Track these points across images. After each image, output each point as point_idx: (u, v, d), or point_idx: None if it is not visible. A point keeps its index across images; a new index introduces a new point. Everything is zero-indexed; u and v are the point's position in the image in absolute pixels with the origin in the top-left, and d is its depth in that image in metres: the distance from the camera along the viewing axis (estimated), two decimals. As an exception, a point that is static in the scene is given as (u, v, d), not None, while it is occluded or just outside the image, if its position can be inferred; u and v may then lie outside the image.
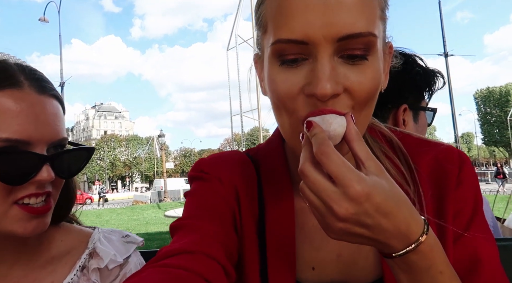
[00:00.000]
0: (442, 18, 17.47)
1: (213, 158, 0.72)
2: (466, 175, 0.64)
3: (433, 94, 1.25)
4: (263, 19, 0.56)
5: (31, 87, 0.66)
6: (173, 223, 0.62)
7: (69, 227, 0.83)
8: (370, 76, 0.51)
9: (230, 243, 0.60)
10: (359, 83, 0.51)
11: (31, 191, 0.65)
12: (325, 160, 0.44)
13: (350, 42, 0.49)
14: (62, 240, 0.79)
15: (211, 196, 0.65)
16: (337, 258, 0.64)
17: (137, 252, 0.83)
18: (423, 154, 0.66)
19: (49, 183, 0.68)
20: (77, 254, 0.77)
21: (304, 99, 0.52)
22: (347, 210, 0.43)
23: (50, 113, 0.68)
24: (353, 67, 0.51)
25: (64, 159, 0.70)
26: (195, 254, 0.54)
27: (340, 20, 0.48)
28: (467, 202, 0.63)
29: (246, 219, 0.65)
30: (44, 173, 0.65)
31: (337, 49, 0.50)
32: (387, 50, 0.60)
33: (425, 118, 1.23)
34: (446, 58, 17.40)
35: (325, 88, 0.48)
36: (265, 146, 0.74)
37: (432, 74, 1.19)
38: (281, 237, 0.63)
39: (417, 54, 1.19)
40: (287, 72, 0.52)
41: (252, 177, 0.69)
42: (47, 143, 0.67)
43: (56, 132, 0.68)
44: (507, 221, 1.39)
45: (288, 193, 0.66)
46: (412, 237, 0.46)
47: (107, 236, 0.81)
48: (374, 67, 0.52)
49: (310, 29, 0.48)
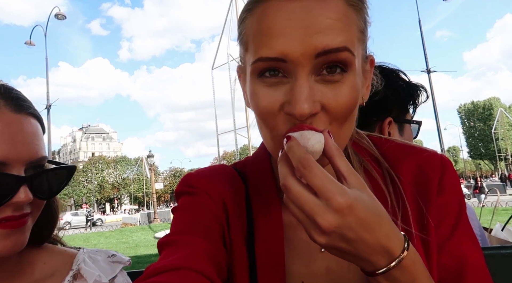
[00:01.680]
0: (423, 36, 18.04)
1: (200, 172, 0.71)
2: (448, 181, 0.64)
3: (417, 108, 1.27)
4: (244, 37, 0.58)
5: (6, 106, 0.65)
6: (161, 239, 0.61)
7: (52, 248, 0.80)
8: (346, 93, 0.52)
9: (219, 258, 0.59)
10: (336, 100, 0.52)
11: (8, 214, 0.63)
12: (308, 173, 0.45)
13: (328, 58, 0.51)
14: (45, 262, 0.76)
15: (200, 211, 0.64)
16: (326, 271, 0.63)
17: (123, 272, 0.81)
18: (406, 162, 0.67)
19: (27, 204, 0.66)
20: (61, 276, 0.74)
21: (284, 116, 0.53)
22: (330, 223, 0.43)
23: (28, 132, 0.66)
24: (330, 85, 0.52)
25: (43, 179, 0.68)
26: (184, 270, 0.53)
27: (318, 38, 0.50)
28: (450, 208, 0.63)
29: (235, 233, 0.65)
30: (22, 194, 0.63)
31: (315, 67, 0.51)
32: (368, 65, 0.62)
33: (410, 131, 1.25)
34: (429, 74, 17.86)
35: (303, 108, 0.49)
36: (252, 159, 0.74)
37: (415, 88, 1.22)
38: (270, 251, 0.62)
39: (399, 69, 1.23)
40: (268, 89, 0.54)
41: (240, 191, 0.68)
42: (25, 163, 0.65)
43: (35, 152, 0.67)
44: (494, 230, 1.40)
45: (276, 207, 0.65)
46: (394, 253, 0.46)
47: (92, 256, 0.79)
48: (351, 84, 0.53)
49: (289, 48, 0.50)
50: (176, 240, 0.59)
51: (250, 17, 0.56)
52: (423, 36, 17.95)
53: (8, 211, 0.63)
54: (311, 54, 0.50)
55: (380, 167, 0.67)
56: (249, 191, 0.68)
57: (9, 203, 0.62)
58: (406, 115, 1.24)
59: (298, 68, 0.51)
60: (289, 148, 0.48)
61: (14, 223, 0.63)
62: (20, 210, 0.64)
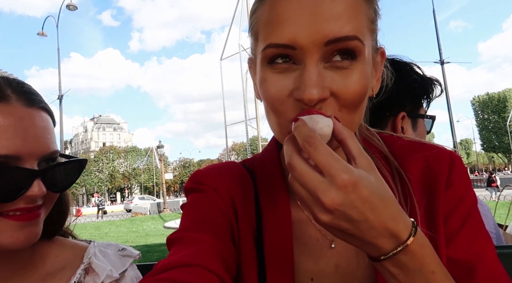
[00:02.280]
0: (437, 26, 17.66)
1: (209, 169, 0.71)
2: (457, 175, 0.63)
3: (431, 102, 1.24)
4: (255, 27, 0.58)
5: (18, 101, 0.65)
6: (170, 236, 0.62)
7: (64, 241, 0.81)
8: (355, 79, 0.52)
9: (228, 255, 0.59)
10: (345, 87, 0.52)
11: (21, 206, 0.63)
12: (312, 151, 0.44)
13: (337, 46, 0.51)
14: (56, 255, 0.77)
15: (208, 208, 0.64)
16: (335, 268, 0.63)
17: (133, 266, 0.81)
18: (414, 159, 0.66)
19: (40, 197, 0.66)
20: (72, 270, 0.75)
21: (292, 102, 0.53)
22: (333, 200, 0.42)
23: (40, 127, 0.66)
24: (339, 71, 0.52)
25: (56, 172, 0.69)
26: (193, 267, 0.53)
27: (328, 26, 0.50)
28: (458, 202, 0.62)
29: (243, 230, 0.65)
30: (35, 188, 0.63)
31: (324, 54, 0.51)
32: (378, 56, 0.62)
33: (424, 126, 1.22)
34: (442, 66, 17.52)
35: (312, 93, 0.50)
36: (261, 156, 0.74)
37: (429, 82, 1.19)
38: (279, 248, 0.62)
39: (414, 62, 1.19)
40: (277, 76, 0.54)
41: (248, 188, 0.68)
42: (38, 157, 0.65)
43: (47, 146, 0.67)
44: (510, 227, 1.37)
45: (284, 204, 0.65)
46: (401, 236, 0.45)
47: (103, 250, 0.80)
48: (360, 72, 0.53)
49: (298, 35, 0.50)
50: (185, 237, 0.59)
51: (262, 6, 0.56)
52: (437, 26, 17.58)
53: (22, 203, 0.63)
54: (320, 42, 0.50)
55: (389, 164, 0.67)
56: (257, 188, 0.68)
57: (23, 196, 0.62)
58: (419, 109, 1.21)
59: (307, 55, 0.51)
60: (295, 127, 0.48)
61: (27, 215, 0.64)
62: (34, 203, 0.65)
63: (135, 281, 0.78)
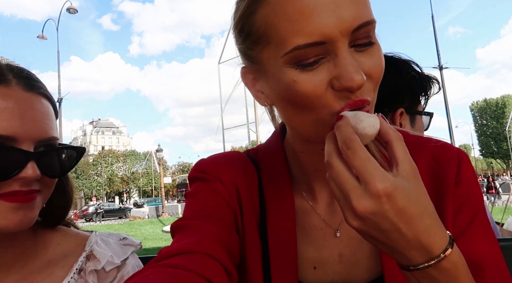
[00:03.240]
0: (436, 32, 17.77)
1: (213, 158, 0.71)
2: (465, 172, 0.63)
3: (429, 99, 1.26)
4: (259, 29, 0.54)
5: (18, 85, 0.66)
6: (174, 223, 0.62)
7: (66, 230, 0.82)
8: (379, 57, 0.54)
9: (231, 244, 0.60)
10: (375, 65, 0.53)
11: (15, 188, 0.63)
12: (351, 154, 0.43)
13: (361, 31, 0.51)
14: (59, 243, 0.78)
15: (212, 197, 0.64)
16: (338, 257, 0.63)
17: (134, 255, 0.82)
18: (422, 154, 0.65)
19: (35, 181, 0.66)
20: (74, 257, 0.76)
21: (333, 93, 0.51)
22: (365, 207, 0.42)
23: (38, 111, 0.67)
24: (365, 53, 0.52)
25: (52, 158, 0.69)
26: (197, 254, 0.53)
27: (351, 14, 0.49)
28: (467, 200, 0.61)
29: (247, 219, 0.65)
30: (29, 170, 0.63)
31: (351, 41, 0.51)
32: None
33: (421, 123, 1.24)
34: (441, 71, 17.60)
35: (359, 78, 0.49)
36: (265, 146, 0.74)
37: (427, 79, 1.21)
38: (283, 237, 0.63)
39: (412, 60, 1.21)
40: (309, 74, 0.51)
41: (253, 177, 0.68)
42: (34, 141, 0.66)
43: (44, 131, 0.67)
44: (506, 224, 1.39)
45: (288, 193, 0.66)
46: (434, 251, 0.43)
47: (105, 239, 0.80)
48: (379, 50, 0.54)
49: (327, 29, 0.48)
50: (189, 225, 0.59)
51: (264, 6, 0.52)
52: (435, 31, 17.68)
53: (16, 185, 0.63)
54: (348, 30, 0.49)
55: None
56: (261, 177, 0.68)
57: (16, 177, 0.62)
58: (417, 106, 1.22)
59: (338, 45, 0.49)
60: (337, 127, 0.47)
61: (21, 197, 0.64)
62: (28, 186, 0.65)
63: (136, 269, 0.78)
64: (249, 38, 0.56)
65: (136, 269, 0.78)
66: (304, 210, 0.66)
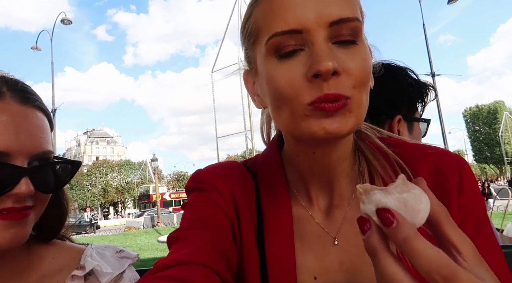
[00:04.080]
0: (427, 39, 18.00)
1: (210, 168, 0.71)
2: (467, 181, 0.62)
3: (425, 106, 1.26)
4: (253, 27, 0.59)
5: (12, 98, 0.65)
6: (170, 234, 0.61)
7: (61, 244, 0.80)
8: (362, 58, 0.54)
9: (229, 254, 0.59)
10: (354, 63, 0.53)
11: (8, 205, 0.62)
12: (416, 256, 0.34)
13: (341, 27, 0.52)
14: (53, 257, 0.75)
15: (210, 207, 0.64)
16: (339, 266, 0.62)
17: (131, 268, 0.80)
18: (423, 162, 0.65)
19: (29, 197, 0.65)
20: (69, 271, 0.74)
21: (307, 84, 0.52)
22: None
23: (33, 124, 0.65)
24: (346, 50, 0.53)
25: (46, 172, 0.67)
26: (193, 265, 0.52)
27: (330, 8, 0.52)
28: (470, 208, 0.61)
29: (245, 229, 0.64)
30: (23, 186, 0.62)
31: (329, 35, 0.53)
32: None
33: (419, 129, 1.24)
34: (433, 78, 17.79)
35: (328, 64, 0.49)
36: (263, 155, 0.74)
37: (424, 86, 1.21)
38: (281, 246, 0.62)
39: (408, 67, 1.22)
40: (286, 64, 0.54)
41: (250, 187, 0.68)
42: (29, 155, 0.64)
43: (38, 144, 0.66)
44: (506, 230, 1.39)
45: (285, 201, 0.65)
46: None
47: (101, 251, 0.79)
48: (364, 51, 0.55)
49: (304, 19, 0.52)
50: (186, 235, 0.59)
51: (258, 6, 0.58)
52: (427, 39, 17.92)
53: (9, 202, 0.62)
54: (325, 23, 0.52)
55: (394, 167, 0.65)
56: (259, 186, 0.68)
57: (9, 194, 0.61)
58: (415, 113, 1.23)
59: (314, 35, 0.52)
60: (400, 237, 0.35)
61: (14, 214, 0.62)
62: (22, 202, 0.63)
63: (133, 282, 0.76)
64: (247, 38, 0.61)
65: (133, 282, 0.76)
66: (302, 218, 0.65)
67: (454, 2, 18.89)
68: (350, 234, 0.63)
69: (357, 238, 0.62)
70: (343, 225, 0.64)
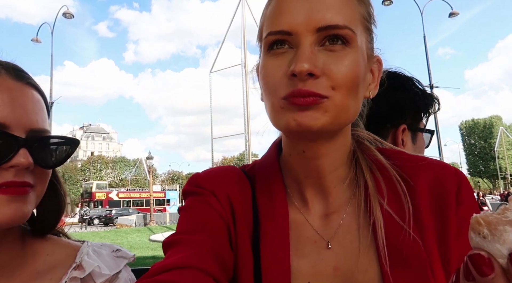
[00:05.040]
0: (427, 51, 18.14)
1: (208, 173, 0.71)
2: (465, 193, 0.63)
3: (429, 117, 1.26)
4: (261, 25, 0.65)
5: (7, 75, 0.66)
6: (166, 239, 0.61)
7: (56, 240, 0.78)
8: (346, 63, 0.56)
9: (225, 258, 0.59)
10: (337, 66, 0.56)
11: (8, 179, 0.61)
12: None
13: (328, 32, 0.56)
14: (48, 253, 0.73)
15: (206, 211, 0.64)
16: (333, 271, 0.62)
17: (127, 268, 0.78)
18: (421, 173, 0.65)
19: (29, 173, 0.64)
20: (63, 269, 0.72)
21: (286, 81, 0.57)
22: None
23: (29, 100, 0.66)
24: (331, 54, 0.56)
25: (44, 148, 0.67)
26: (189, 269, 0.52)
27: (320, 15, 0.56)
28: (468, 220, 0.60)
29: (241, 233, 0.64)
30: (21, 157, 0.61)
31: (317, 38, 0.56)
32: (376, 64, 0.66)
33: (422, 140, 1.23)
34: (432, 90, 17.93)
35: (302, 66, 0.54)
36: (261, 161, 0.74)
37: (429, 97, 1.21)
38: (275, 250, 0.62)
39: (415, 77, 1.21)
40: (275, 60, 0.59)
41: (247, 192, 0.68)
42: (26, 129, 0.64)
43: (35, 121, 0.66)
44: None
45: (282, 206, 0.65)
46: None
47: (97, 250, 0.77)
48: (353, 58, 0.57)
49: (294, 22, 0.57)
50: (182, 239, 0.59)
51: (267, 7, 0.63)
52: (427, 51, 18.05)
53: (9, 176, 0.61)
54: (313, 27, 0.56)
55: (398, 180, 0.65)
56: (256, 191, 0.68)
57: (8, 165, 0.60)
58: (419, 123, 1.22)
59: (302, 38, 0.56)
60: None
61: (15, 189, 0.61)
62: (22, 177, 0.62)
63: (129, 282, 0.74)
64: (258, 35, 0.66)
65: None
66: (298, 222, 0.66)
67: (455, 16, 19.07)
68: (346, 241, 0.63)
69: (352, 244, 0.63)
70: (339, 231, 0.64)
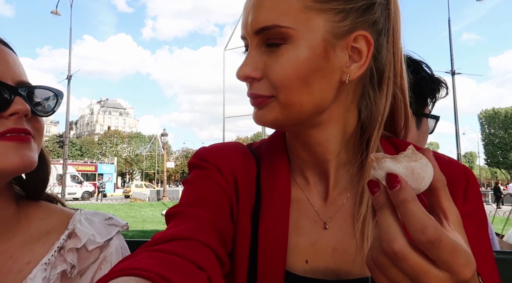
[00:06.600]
0: (451, 36, 17.49)
1: (214, 147, 0.72)
2: (472, 189, 0.63)
3: (436, 102, 1.23)
4: None
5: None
6: (169, 210, 0.62)
7: (50, 206, 0.80)
8: (282, 62, 0.56)
9: (226, 232, 0.60)
10: (273, 68, 0.57)
11: (10, 126, 0.64)
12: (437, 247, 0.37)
13: (265, 34, 0.57)
14: (41, 218, 0.76)
15: (209, 185, 0.65)
16: (332, 251, 0.63)
17: (119, 235, 0.80)
18: None
19: (27, 122, 0.67)
20: (56, 234, 0.74)
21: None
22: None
23: (9, 55, 0.70)
24: (271, 55, 0.58)
25: (37, 96, 0.71)
26: (190, 241, 0.53)
27: (255, 18, 0.58)
28: (474, 218, 0.61)
29: (242, 209, 0.65)
30: (19, 104, 0.64)
31: (260, 41, 0.58)
32: (358, 40, 0.58)
33: (427, 126, 1.21)
34: (453, 76, 17.37)
35: (240, 71, 0.59)
36: (268, 140, 0.75)
37: (437, 82, 1.17)
38: (274, 228, 0.63)
39: (423, 60, 1.17)
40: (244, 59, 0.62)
41: (252, 168, 0.69)
42: (14, 81, 0.67)
43: (21, 74, 0.70)
44: (506, 236, 1.36)
45: (285, 184, 0.66)
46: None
47: (89, 217, 0.79)
48: (290, 55, 0.56)
49: (244, 27, 0.61)
50: (185, 212, 0.60)
51: None
52: (451, 36, 17.41)
53: (10, 123, 0.64)
54: (252, 31, 0.58)
55: None
56: (261, 169, 0.69)
57: (8, 113, 0.63)
58: (425, 108, 1.19)
59: (250, 42, 0.60)
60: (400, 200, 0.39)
61: (20, 137, 0.65)
62: (21, 124, 0.66)
63: (120, 250, 0.76)
64: None
65: (120, 251, 0.76)
66: (300, 201, 0.66)
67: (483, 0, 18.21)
68: (346, 223, 0.64)
69: (352, 227, 0.63)
70: (338, 214, 0.65)
